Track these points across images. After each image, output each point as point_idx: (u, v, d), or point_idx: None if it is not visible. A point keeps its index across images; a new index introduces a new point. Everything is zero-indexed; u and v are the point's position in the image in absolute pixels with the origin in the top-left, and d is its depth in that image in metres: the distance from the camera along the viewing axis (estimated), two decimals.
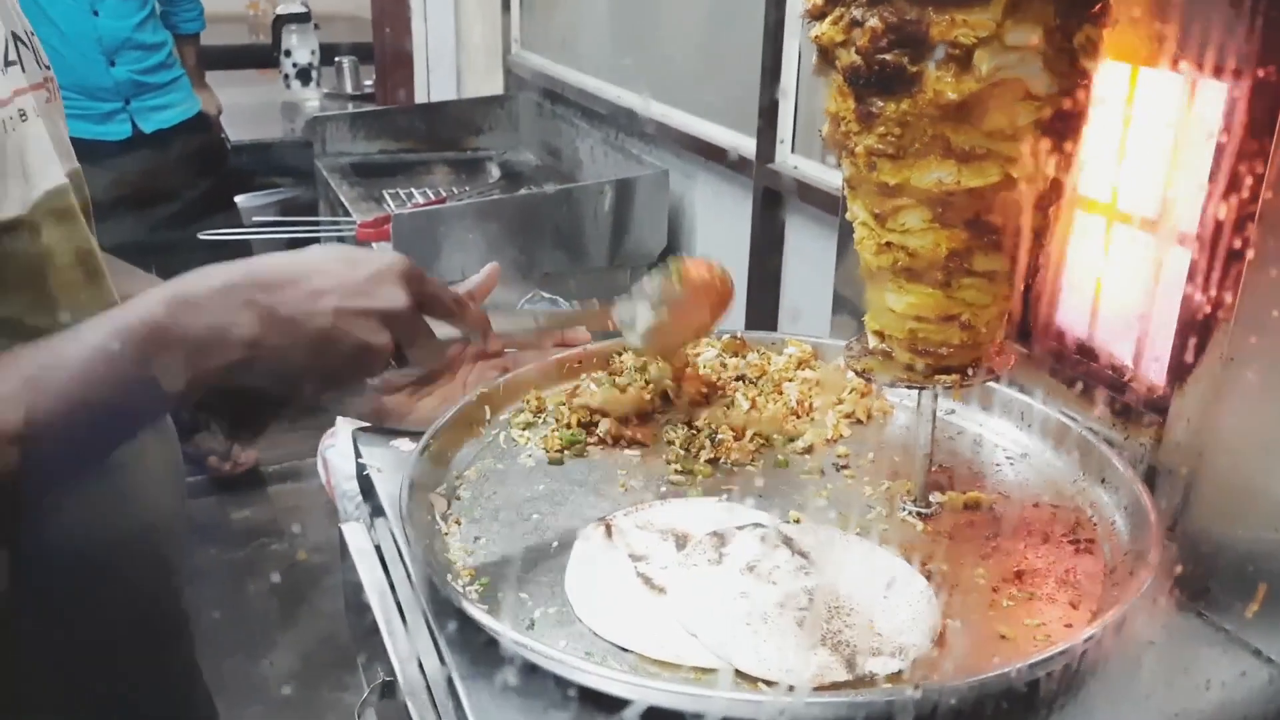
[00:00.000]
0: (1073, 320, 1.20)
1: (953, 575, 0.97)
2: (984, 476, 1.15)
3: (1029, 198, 0.91)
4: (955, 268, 0.94)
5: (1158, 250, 1.08)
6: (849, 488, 1.14)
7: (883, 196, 0.93)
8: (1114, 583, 0.95)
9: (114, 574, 0.91)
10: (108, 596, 0.91)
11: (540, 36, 3.32)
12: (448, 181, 3.01)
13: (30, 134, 0.81)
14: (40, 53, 0.87)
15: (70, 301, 0.84)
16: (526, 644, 0.83)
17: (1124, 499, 1.04)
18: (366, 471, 1.17)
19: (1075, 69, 0.87)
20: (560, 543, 1.02)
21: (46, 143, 0.83)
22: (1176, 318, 1.05)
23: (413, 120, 3.13)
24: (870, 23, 0.86)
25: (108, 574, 0.90)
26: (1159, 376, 1.08)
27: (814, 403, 1.28)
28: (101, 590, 0.90)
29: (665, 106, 2.46)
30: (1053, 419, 1.17)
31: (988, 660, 0.86)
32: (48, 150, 0.83)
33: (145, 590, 0.98)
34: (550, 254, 2.31)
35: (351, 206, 2.57)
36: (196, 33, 3.47)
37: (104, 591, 0.90)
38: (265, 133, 3.92)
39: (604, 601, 0.93)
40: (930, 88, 0.85)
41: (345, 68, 4.34)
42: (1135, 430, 1.10)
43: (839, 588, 0.93)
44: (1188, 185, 1.02)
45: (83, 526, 0.82)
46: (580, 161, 2.84)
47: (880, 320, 1.01)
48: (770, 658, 0.85)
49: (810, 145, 2.01)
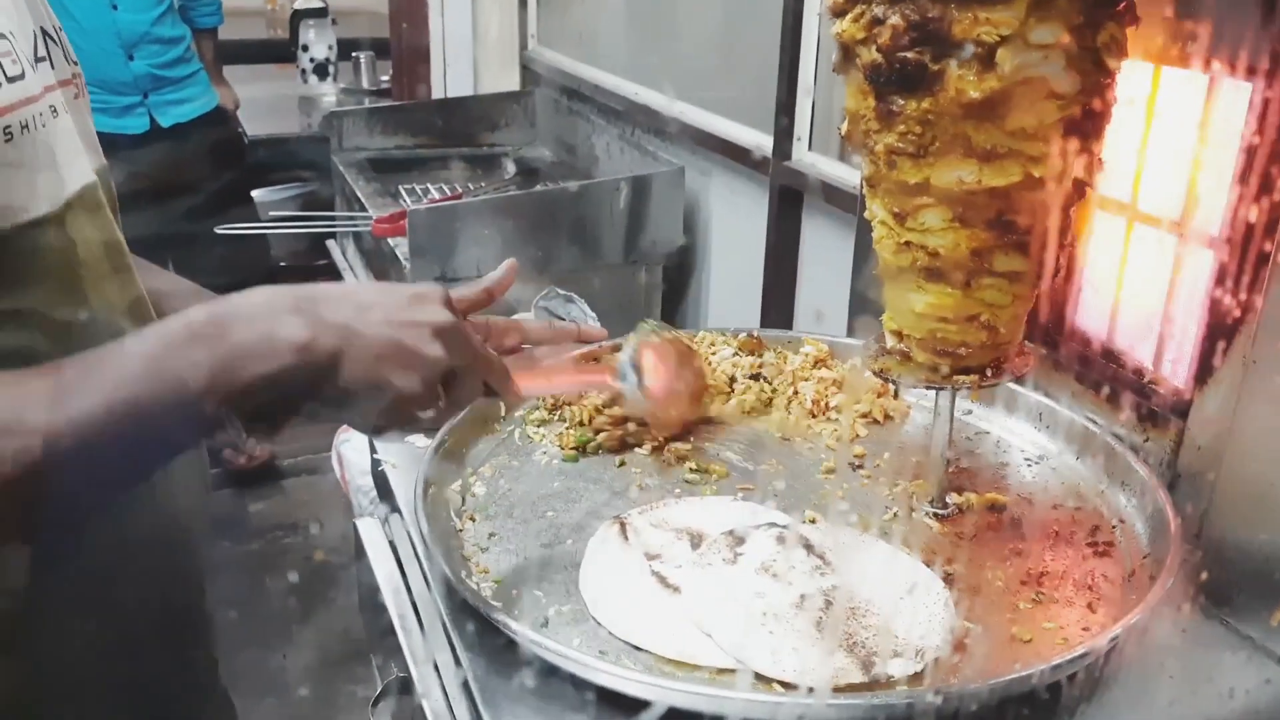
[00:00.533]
0: (1094, 322, 1.19)
1: (971, 577, 0.96)
2: (1002, 478, 1.14)
3: (1051, 197, 0.90)
4: (975, 268, 0.93)
5: (1181, 252, 1.07)
6: (866, 488, 1.13)
7: (903, 195, 0.93)
8: (1134, 587, 0.94)
9: (138, 567, 0.91)
10: (131, 590, 0.91)
11: (557, 32, 3.32)
12: (464, 177, 3.01)
13: (61, 130, 0.80)
14: (68, 48, 0.86)
15: (98, 295, 0.83)
16: (541, 642, 0.83)
17: (1145, 503, 1.03)
18: (381, 467, 1.17)
19: (1099, 68, 0.86)
20: (575, 540, 1.02)
21: (76, 139, 0.83)
22: (1199, 320, 1.04)
23: (429, 116, 3.13)
24: (892, 20, 0.85)
25: (131, 567, 0.90)
26: (1181, 380, 1.07)
27: (831, 402, 1.27)
28: (125, 583, 0.90)
29: (682, 103, 2.45)
30: (1073, 421, 1.16)
31: (1006, 663, 0.85)
32: (77, 146, 0.83)
33: (168, 584, 0.98)
34: (565, 250, 2.30)
35: (368, 201, 2.57)
36: (215, 27, 3.48)
37: (127, 585, 0.90)
38: (282, 127, 3.92)
39: (618, 600, 0.93)
40: (952, 86, 0.85)
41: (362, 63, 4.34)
42: (1156, 433, 1.09)
43: (856, 589, 0.92)
44: (1212, 187, 1.01)
45: (107, 520, 0.81)
46: (596, 158, 2.83)
47: (899, 320, 1.00)
48: (786, 659, 0.84)
49: (828, 143, 2.00)
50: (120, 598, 0.89)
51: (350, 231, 2.75)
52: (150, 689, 0.94)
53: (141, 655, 0.92)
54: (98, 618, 0.87)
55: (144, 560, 0.92)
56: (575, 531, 1.04)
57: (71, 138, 0.82)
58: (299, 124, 3.97)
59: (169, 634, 0.98)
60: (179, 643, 1.01)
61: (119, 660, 0.89)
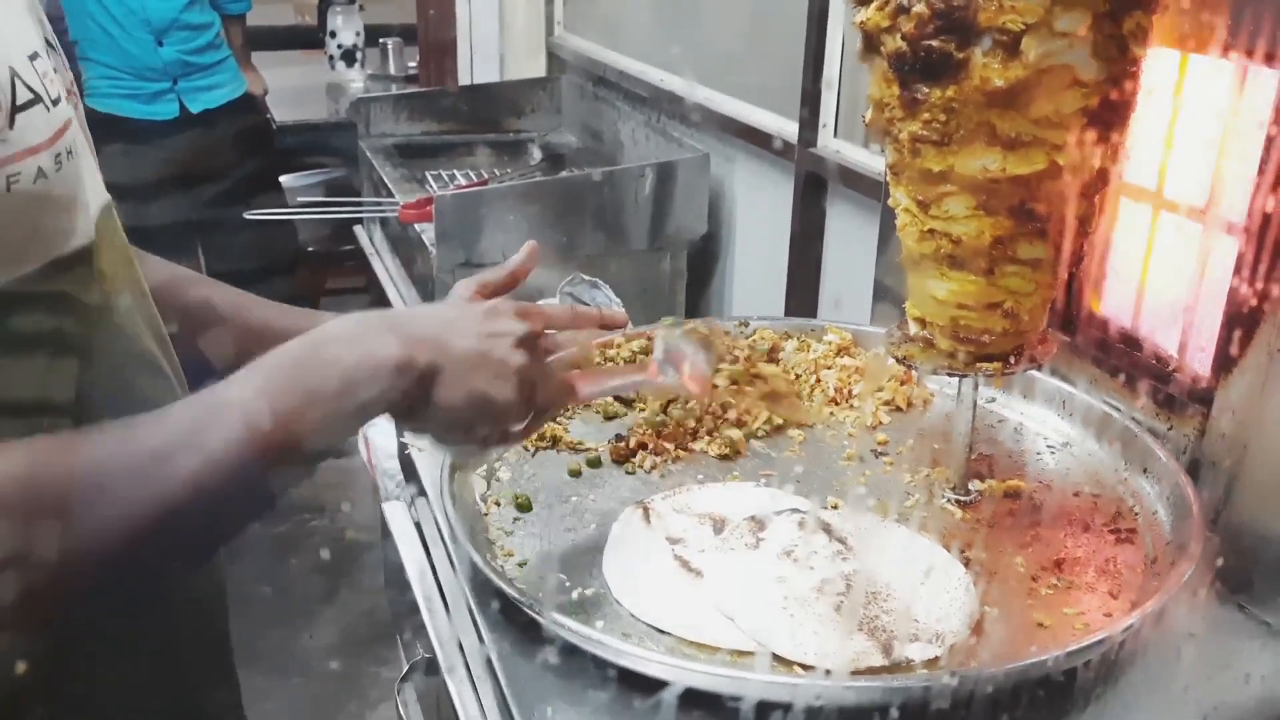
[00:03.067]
0: (1117, 309, 1.19)
1: (991, 563, 0.97)
2: (1024, 465, 1.15)
3: (1074, 185, 0.90)
4: (999, 255, 0.94)
5: (1205, 240, 1.06)
6: (888, 474, 1.14)
7: (926, 183, 0.93)
8: (1154, 573, 0.95)
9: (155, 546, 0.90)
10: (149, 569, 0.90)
11: (583, 19, 3.32)
12: (490, 163, 3.02)
13: (81, 154, 0.76)
14: (60, 53, 0.81)
15: (120, 302, 0.80)
16: (565, 623, 0.84)
17: (1166, 490, 1.03)
18: (408, 451, 1.18)
19: (1124, 56, 0.86)
20: (598, 525, 1.03)
21: (89, 156, 0.79)
22: (1223, 308, 1.04)
23: (456, 102, 3.14)
24: (917, 8, 0.85)
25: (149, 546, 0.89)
26: (1204, 367, 1.07)
27: (853, 390, 1.27)
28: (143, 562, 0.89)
29: (707, 90, 2.45)
30: (1095, 408, 1.16)
31: (1025, 648, 0.86)
32: (91, 165, 0.79)
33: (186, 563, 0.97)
34: (590, 236, 2.31)
35: (394, 187, 2.58)
36: (243, 14, 3.49)
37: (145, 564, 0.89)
38: (310, 114, 3.94)
39: (641, 584, 0.94)
40: (977, 74, 0.85)
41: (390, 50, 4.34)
42: (1179, 421, 1.09)
43: (877, 574, 0.93)
44: (1237, 175, 1.01)
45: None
46: (621, 144, 2.83)
47: (922, 307, 1.01)
48: (806, 642, 0.85)
49: (853, 130, 2.00)
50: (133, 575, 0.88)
51: (377, 217, 2.76)
52: (152, 664, 0.92)
53: (150, 630, 0.91)
54: (109, 596, 0.85)
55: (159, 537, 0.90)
56: (599, 516, 1.05)
57: (88, 159, 0.78)
58: (326, 110, 3.99)
59: (180, 609, 0.96)
60: (190, 619, 0.99)
61: (127, 635, 0.88)
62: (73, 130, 0.73)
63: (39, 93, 0.69)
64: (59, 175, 0.70)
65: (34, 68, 0.69)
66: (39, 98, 0.69)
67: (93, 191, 0.77)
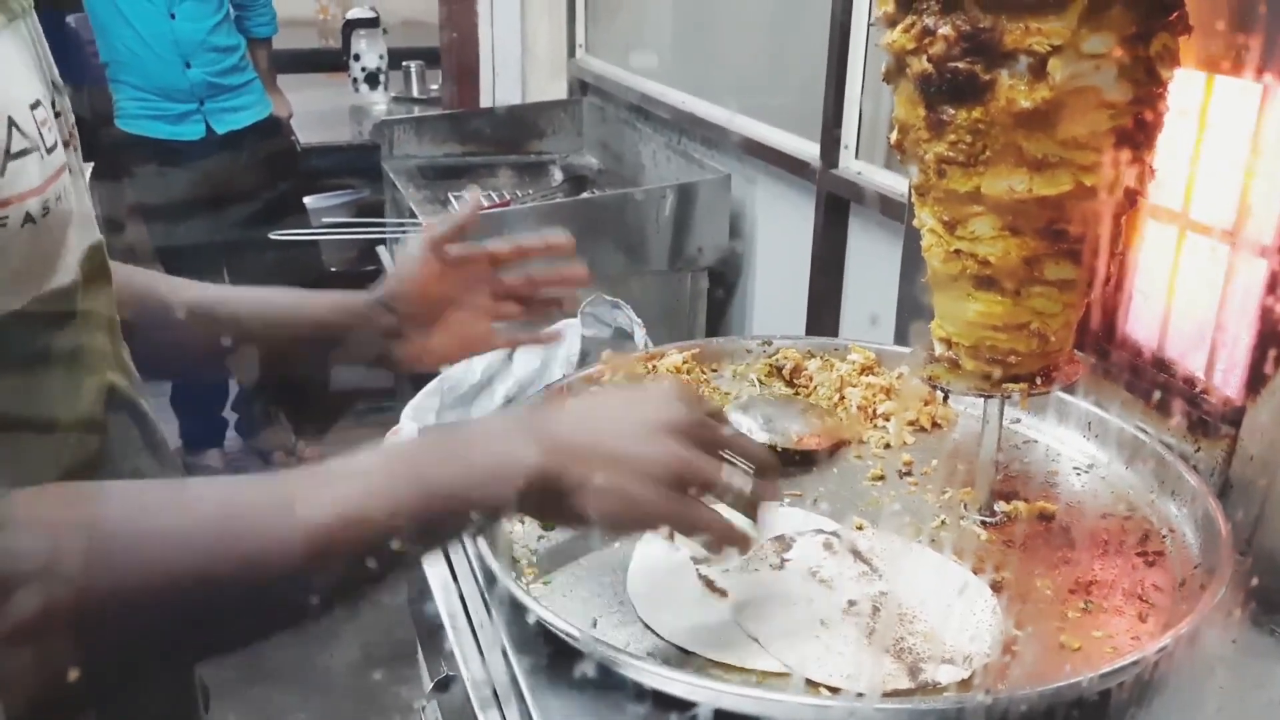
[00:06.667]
0: (1145, 331, 1.18)
1: (1018, 585, 0.97)
2: (1051, 486, 1.14)
3: (1102, 206, 0.90)
4: (1026, 276, 0.93)
5: (1233, 261, 1.06)
6: (913, 495, 1.13)
7: (953, 204, 0.93)
8: (1183, 597, 0.94)
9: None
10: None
11: (604, 42, 3.34)
12: (512, 184, 3.04)
13: (71, 198, 0.75)
14: (65, 94, 0.79)
15: (85, 324, 0.78)
16: (590, 642, 0.84)
17: (1195, 512, 1.03)
18: None
19: (1151, 77, 0.86)
20: (623, 543, 1.03)
21: (84, 195, 0.78)
22: (1252, 330, 1.03)
23: (478, 124, 3.16)
24: (943, 31, 0.86)
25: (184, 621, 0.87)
26: (1233, 389, 1.06)
27: (878, 409, 1.27)
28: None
29: (728, 111, 2.46)
30: (1122, 430, 1.16)
31: (1054, 671, 0.85)
32: (84, 205, 0.78)
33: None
34: (612, 257, 2.32)
35: (418, 208, 2.60)
36: (269, 37, 3.53)
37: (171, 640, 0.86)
38: (334, 135, 3.97)
39: (666, 603, 0.94)
40: (1003, 96, 0.85)
41: (413, 72, 4.39)
42: (1208, 443, 1.08)
43: (903, 595, 0.92)
44: (1265, 196, 1.01)
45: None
46: (642, 165, 2.85)
47: (948, 327, 1.01)
48: (831, 664, 0.85)
49: (874, 151, 2.00)
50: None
51: (400, 238, 2.78)
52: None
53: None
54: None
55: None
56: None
57: (81, 196, 0.77)
58: (350, 132, 4.02)
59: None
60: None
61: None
62: (65, 177, 0.73)
63: (35, 141, 0.69)
64: (46, 221, 0.70)
65: (33, 116, 0.70)
66: (35, 146, 0.69)
67: (81, 231, 0.76)
